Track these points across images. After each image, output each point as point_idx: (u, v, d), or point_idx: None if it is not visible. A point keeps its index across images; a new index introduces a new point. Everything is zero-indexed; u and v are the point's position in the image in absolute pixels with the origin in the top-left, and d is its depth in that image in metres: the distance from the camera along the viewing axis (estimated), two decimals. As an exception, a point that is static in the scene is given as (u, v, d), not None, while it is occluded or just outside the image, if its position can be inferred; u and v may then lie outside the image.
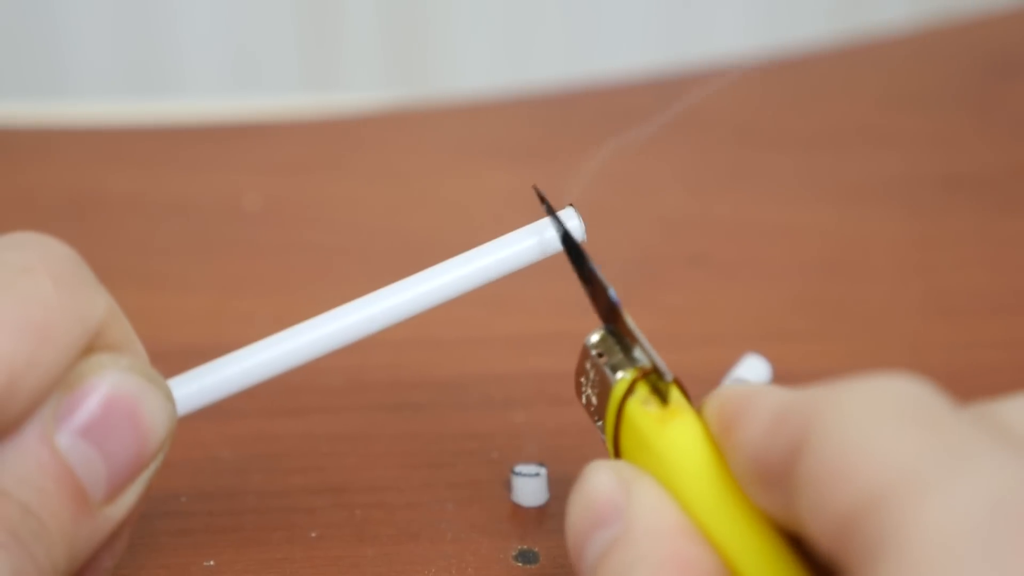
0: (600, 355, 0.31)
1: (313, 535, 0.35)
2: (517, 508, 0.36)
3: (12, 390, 0.26)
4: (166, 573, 0.33)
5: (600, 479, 0.28)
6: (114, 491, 0.28)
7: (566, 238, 0.32)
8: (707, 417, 0.28)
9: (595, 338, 0.31)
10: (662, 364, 0.30)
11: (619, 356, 0.31)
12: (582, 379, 0.32)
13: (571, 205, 0.32)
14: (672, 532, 0.27)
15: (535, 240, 0.32)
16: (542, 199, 0.32)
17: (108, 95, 0.84)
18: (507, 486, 0.36)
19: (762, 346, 0.43)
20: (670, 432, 0.29)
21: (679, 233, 0.52)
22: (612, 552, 0.27)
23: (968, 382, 0.41)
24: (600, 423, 0.31)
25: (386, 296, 0.31)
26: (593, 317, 0.45)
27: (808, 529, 0.24)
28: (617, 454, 0.31)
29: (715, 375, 0.42)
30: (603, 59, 0.88)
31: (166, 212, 0.52)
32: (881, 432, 0.24)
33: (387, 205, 0.53)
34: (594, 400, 0.31)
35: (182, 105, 0.71)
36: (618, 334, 0.31)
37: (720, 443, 0.28)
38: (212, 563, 0.34)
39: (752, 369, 0.41)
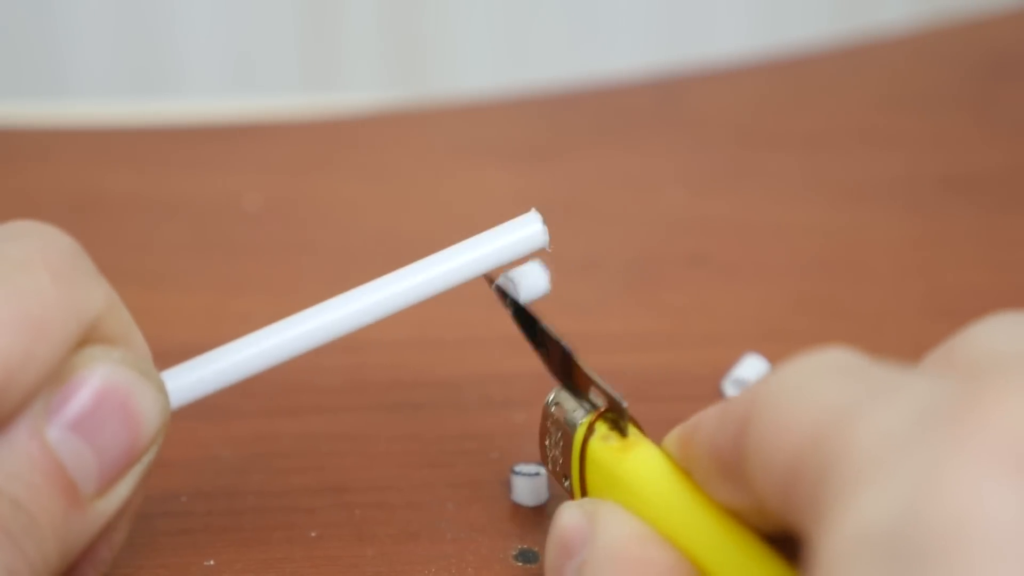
0: (559, 412, 0.32)
1: (313, 535, 0.35)
2: (517, 508, 0.36)
3: (7, 386, 0.26)
4: (166, 572, 0.33)
5: (567, 515, 0.30)
6: (105, 485, 0.28)
7: (516, 308, 0.33)
8: (668, 447, 0.30)
9: (552, 397, 0.33)
10: (618, 396, 0.31)
11: (577, 408, 0.32)
12: (546, 441, 0.33)
13: (538, 259, 0.33)
14: (631, 539, 0.28)
15: (540, 226, 0.32)
16: (490, 281, 0.33)
17: (108, 95, 0.84)
18: (507, 486, 0.36)
19: (762, 346, 0.43)
20: (632, 457, 0.30)
21: (679, 233, 0.52)
22: (580, 573, 0.29)
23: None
24: (567, 483, 0.32)
25: (385, 285, 0.32)
26: (592, 317, 0.45)
27: (765, 500, 0.25)
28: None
29: (715, 375, 0.42)
30: (603, 59, 0.88)
31: (166, 212, 0.52)
32: (812, 387, 0.25)
33: (387, 205, 0.53)
34: (559, 458, 0.32)
35: (182, 105, 0.71)
36: (573, 388, 0.32)
37: (681, 461, 0.29)
38: (212, 563, 0.33)
39: (752, 369, 0.41)
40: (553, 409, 0.32)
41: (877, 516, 0.22)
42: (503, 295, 0.33)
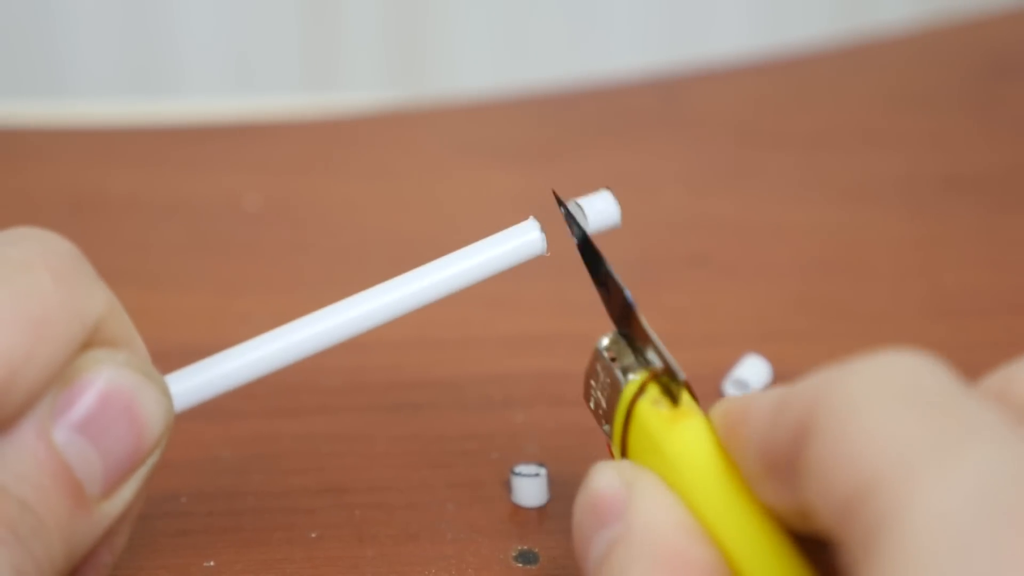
0: (612, 358, 0.31)
1: (313, 535, 0.35)
2: (517, 508, 0.36)
3: (10, 385, 0.26)
4: (166, 573, 0.33)
5: (604, 479, 0.28)
6: (111, 487, 0.28)
7: (583, 239, 0.31)
8: (713, 423, 0.28)
9: (606, 341, 0.31)
10: (675, 364, 0.30)
11: (630, 358, 0.31)
12: (592, 382, 0.31)
13: (608, 189, 0.32)
14: (672, 530, 0.27)
15: (538, 234, 0.32)
16: (560, 201, 0.32)
17: (108, 95, 0.84)
18: (507, 486, 0.36)
19: (762, 346, 0.43)
20: (680, 431, 0.29)
21: (680, 233, 0.52)
22: (613, 551, 0.27)
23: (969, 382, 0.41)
24: (607, 427, 0.31)
25: (385, 291, 0.31)
26: (592, 317, 0.45)
27: (816, 512, 0.24)
28: (624, 457, 0.31)
29: (716, 375, 0.42)
30: (603, 59, 0.88)
31: (166, 212, 0.52)
32: (882, 414, 0.23)
33: (387, 205, 0.53)
34: (603, 403, 0.31)
35: (182, 105, 0.71)
36: (629, 337, 0.31)
37: (727, 445, 0.28)
38: (212, 563, 0.33)
39: (752, 369, 0.41)
40: (606, 353, 0.31)
41: None
42: (572, 223, 0.32)
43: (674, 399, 0.29)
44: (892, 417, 0.23)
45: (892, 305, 0.47)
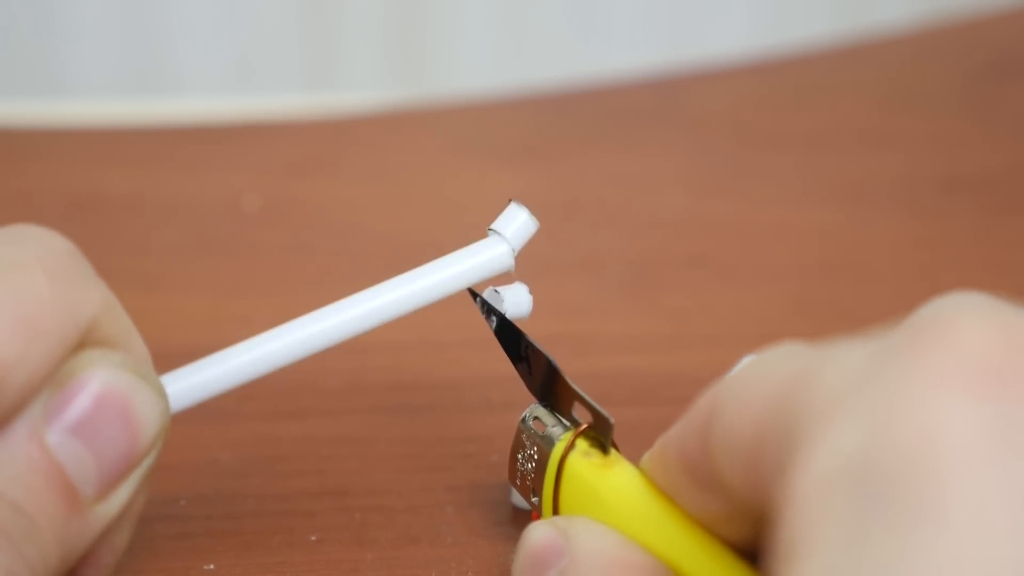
0: (537, 427, 0.32)
1: (313, 539, 0.35)
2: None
3: (2, 386, 0.26)
4: (165, 576, 0.33)
5: (537, 532, 0.29)
6: (105, 489, 0.28)
7: (501, 321, 0.33)
8: (644, 467, 0.30)
9: (529, 412, 0.33)
10: (604, 411, 0.31)
11: (556, 423, 0.32)
12: (518, 455, 0.33)
13: (523, 283, 0.34)
14: (614, 547, 0.28)
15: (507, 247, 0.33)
16: (475, 295, 0.33)
17: (107, 95, 0.84)
18: (507, 489, 0.36)
19: (762, 347, 0.42)
20: (615, 475, 0.30)
21: (679, 234, 0.52)
22: None
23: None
24: (536, 499, 0.32)
25: (383, 292, 0.32)
26: (592, 318, 0.45)
27: (734, 487, 0.25)
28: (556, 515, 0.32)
29: (715, 376, 0.41)
30: (602, 59, 0.88)
31: (165, 212, 0.52)
32: (768, 369, 0.25)
33: (386, 205, 0.53)
34: (531, 473, 0.32)
35: (182, 105, 0.71)
36: (552, 406, 0.32)
37: (657, 476, 0.29)
38: (212, 567, 0.33)
39: (752, 371, 0.41)
40: (531, 423, 0.32)
41: (842, 450, 0.22)
42: (488, 308, 0.33)
43: (603, 450, 0.31)
44: (777, 365, 0.25)
45: (892, 306, 0.46)
